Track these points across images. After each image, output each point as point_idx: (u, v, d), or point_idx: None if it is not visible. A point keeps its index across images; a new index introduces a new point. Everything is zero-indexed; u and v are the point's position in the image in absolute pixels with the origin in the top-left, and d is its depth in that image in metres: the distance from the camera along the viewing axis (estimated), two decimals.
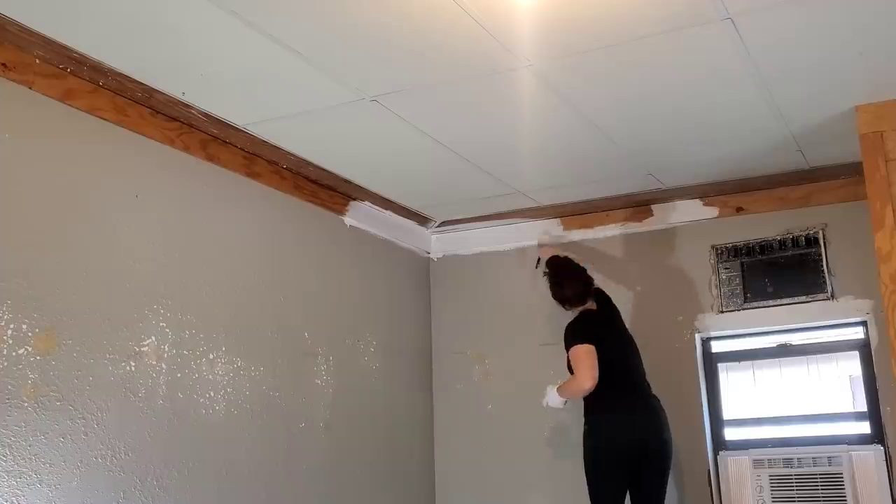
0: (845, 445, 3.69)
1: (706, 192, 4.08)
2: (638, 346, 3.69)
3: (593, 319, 3.66)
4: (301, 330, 3.66)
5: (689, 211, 4.16)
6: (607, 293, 3.86)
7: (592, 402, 3.54)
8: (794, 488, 3.70)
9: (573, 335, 3.55)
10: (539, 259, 4.12)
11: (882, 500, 3.54)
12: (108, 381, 2.75)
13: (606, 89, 2.97)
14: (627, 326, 3.80)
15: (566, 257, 3.85)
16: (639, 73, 2.84)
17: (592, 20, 2.48)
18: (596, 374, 3.42)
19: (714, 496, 3.84)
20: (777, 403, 4.09)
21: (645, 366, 3.67)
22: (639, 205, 4.22)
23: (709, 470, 3.89)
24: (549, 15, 2.44)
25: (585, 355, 3.45)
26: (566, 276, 3.71)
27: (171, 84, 2.85)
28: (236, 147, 3.37)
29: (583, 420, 3.57)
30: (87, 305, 2.72)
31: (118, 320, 2.82)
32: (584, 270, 3.74)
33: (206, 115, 3.07)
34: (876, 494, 3.55)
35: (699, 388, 3.98)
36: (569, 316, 3.70)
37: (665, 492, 3.49)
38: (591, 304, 3.71)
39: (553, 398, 3.67)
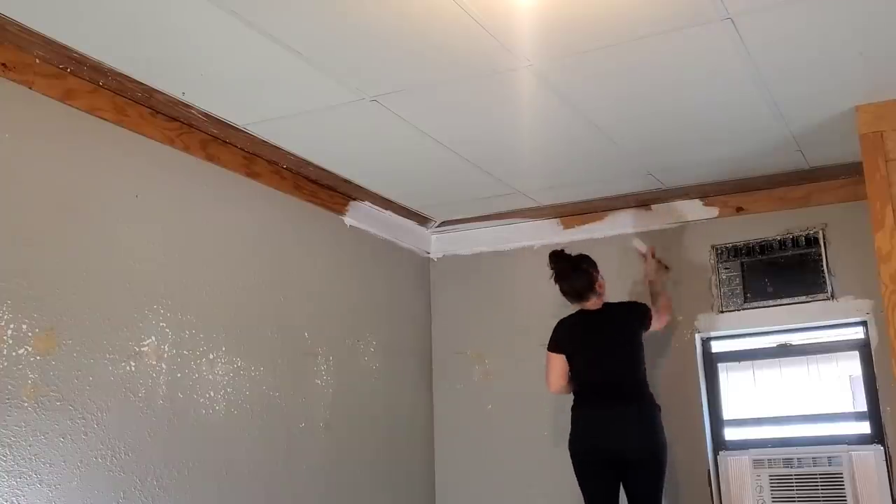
0: (845, 445, 3.69)
1: (706, 192, 4.08)
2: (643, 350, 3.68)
3: (578, 323, 3.64)
4: (301, 330, 3.66)
5: (689, 211, 4.16)
6: (647, 309, 3.73)
7: (571, 406, 3.63)
8: (794, 488, 3.70)
9: (551, 338, 3.68)
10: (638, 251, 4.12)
11: (882, 500, 3.54)
12: (108, 381, 2.75)
13: (606, 89, 2.97)
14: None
15: (563, 252, 3.71)
16: (639, 73, 2.84)
17: (592, 20, 2.48)
18: (554, 381, 3.64)
19: (714, 496, 3.84)
20: (777, 403, 4.09)
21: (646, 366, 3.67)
22: (639, 205, 4.22)
23: (709, 470, 3.89)
24: (549, 15, 2.44)
25: (549, 363, 3.66)
26: (564, 271, 3.63)
27: (171, 84, 2.85)
28: (236, 147, 3.37)
29: None
30: (87, 305, 2.72)
31: (118, 320, 2.82)
32: (581, 265, 3.64)
33: (206, 115, 3.07)
34: (876, 494, 3.55)
35: (699, 388, 3.98)
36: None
37: (657, 495, 3.47)
38: (593, 302, 3.65)
39: None
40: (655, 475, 3.48)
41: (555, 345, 3.64)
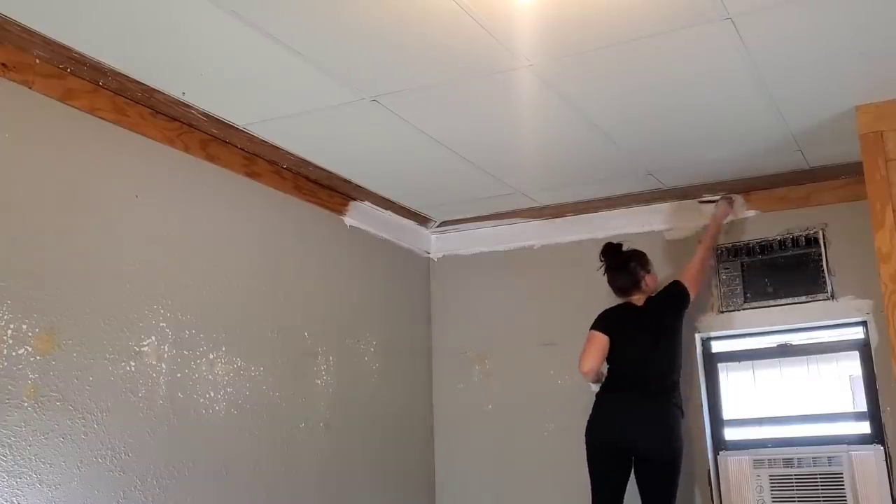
0: (845, 445, 3.69)
1: (706, 191, 4.07)
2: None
3: (624, 312, 3.68)
4: (301, 330, 3.66)
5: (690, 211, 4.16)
6: (677, 284, 3.72)
7: (597, 394, 3.64)
8: (794, 488, 3.70)
9: (595, 320, 3.68)
10: (711, 201, 4.05)
11: (882, 500, 3.54)
12: (108, 381, 2.75)
13: (606, 89, 2.97)
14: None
15: (616, 246, 3.74)
16: (639, 73, 2.84)
17: (592, 20, 2.48)
18: (590, 359, 3.58)
19: (714, 496, 3.84)
20: (777, 403, 4.08)
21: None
22: (639, 204, 4.22)
23: (709, 470, 3.89)
24: (549, 15, 2.44)
25: (590, 340, 3.62)
26: (613, 267, 3.69)
27: (171, 84, 2.85)
28: (236, 147, 3.37)
29: (582, 419, 3.60)
30: (87, 305, 2.72)
31: (118, 320, 2.82)
32: (630, 263, 3.67)
33: (206, 115, 3.07)
34: (876, 494, 3.55)
35: (699, 388, 3.98)
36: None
37: (667, 495, 3.44)
38: (637, 298, 3.68)
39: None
40: (667, 477, 3.44)
41: (601, 325, 3.64)
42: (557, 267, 4.39)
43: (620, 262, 3.69)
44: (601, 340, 3.60)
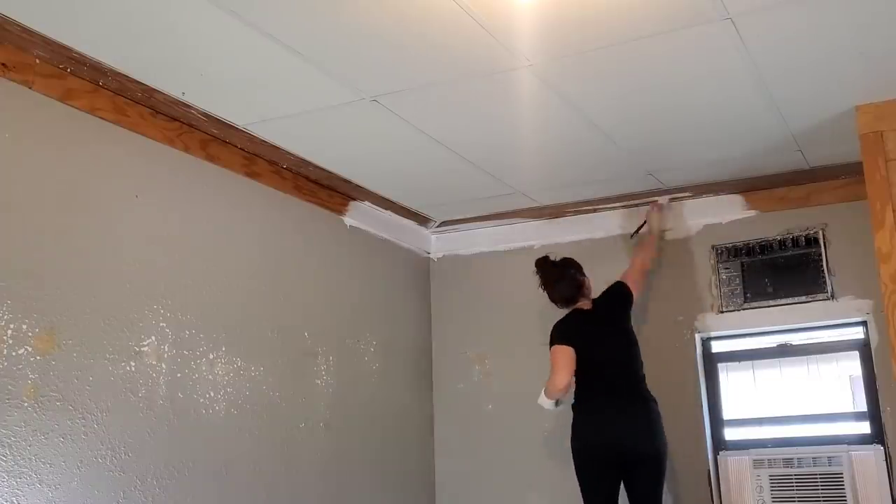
0: (845, 445, 3.69)
1: (706, 191, 4.08)
2: (640, 346, 3.69)
3: (578, 319, 3.66)
4: (301, 330, 3.66)
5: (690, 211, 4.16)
6: (621, 285, 3.76)
7: (574, 403, 3.61)
8: (794, 488, 3.70)
9: (553, 335, 3.63)
10: (640, 227, 4.10)
11: (882, 500, 3.54)
12: (108, 381, 2.75)
13: (606, 89, 2.97)
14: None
15: (548, 259, 3.75)
16: (639, 73, 2.84)
17: (592, 20, 2.48)
18: (566, 374, 3.50)
19: (714, 496, 3.84)
20: (777, 403, 4.09)
21: (646, 367, 3.66)
22: (639, 205, 4.22)
23: (709, 470, 3.89)
24: (549, 14, 2.45)
25: (558, 356, 3.55)
26: (552, 279, 3.68)
27: (171, 84, 2.85)
28: (236, 147, 3.37)
29: None
30: (87, 305, 2.72)
31: (118, 320, 2.82)
32: (569, 271, 3.68)
33: (206, 115, 3.07)
34: (876, 494, 3.55)
35: (699, 388, 3.98)
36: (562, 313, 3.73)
37: (657, 495, 3.47)
38: (583, 303, 3.69)
39: (543, 398, 3.63)
40: (658, 475, 3.48)
41: (563, 338, 3.57)
42: None
43: (559, 272, 3.68)
44: (569, 353, 3.53)
